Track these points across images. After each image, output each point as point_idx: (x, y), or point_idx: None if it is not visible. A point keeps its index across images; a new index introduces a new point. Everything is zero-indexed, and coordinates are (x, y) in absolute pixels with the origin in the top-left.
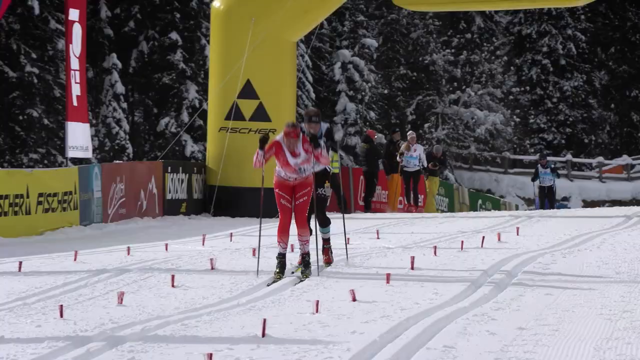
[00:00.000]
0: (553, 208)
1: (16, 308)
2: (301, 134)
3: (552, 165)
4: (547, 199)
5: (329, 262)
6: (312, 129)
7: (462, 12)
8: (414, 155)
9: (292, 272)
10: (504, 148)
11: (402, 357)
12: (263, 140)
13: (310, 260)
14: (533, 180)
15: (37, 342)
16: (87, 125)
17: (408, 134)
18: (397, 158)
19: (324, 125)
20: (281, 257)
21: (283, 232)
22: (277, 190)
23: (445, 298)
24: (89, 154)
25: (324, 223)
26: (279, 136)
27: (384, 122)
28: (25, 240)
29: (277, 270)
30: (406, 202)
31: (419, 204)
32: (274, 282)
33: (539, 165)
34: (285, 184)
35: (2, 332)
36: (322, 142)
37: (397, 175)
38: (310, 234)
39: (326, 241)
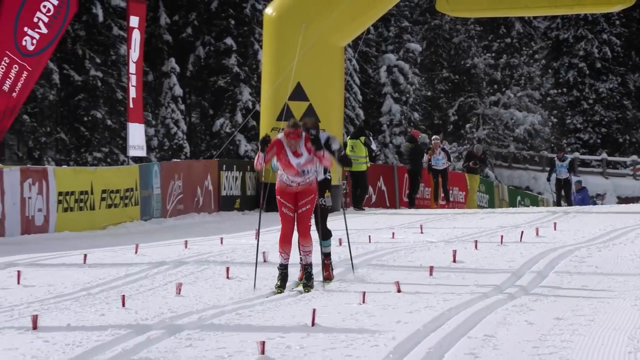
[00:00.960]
0: (569, 200)
1: (81, 298)
2: (303, 134)
3: (569, 159)
4: (564, 191)
5: (329, 277)
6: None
7: (502, 18)
8: (439, 158)
9: (293, 289)
10: (542, 147)
11: (445, 345)
12: (264, 142)
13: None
14: (549, 177)
15: (101, 329)
16: (143, 125)
17: (432, 138)
18: (424, 159)
19: (324, 135)
20: (282, 269)
21: (285, 242)
22: (279, 197)
23: (486, 289)
24: (143, 153)
25: (325, 235)
26: (280, 135)
27: (427, 123)
28: (90, 234)
29: (278, 284)
30: (434, 200)
31: (450, 199)
32: (273, 293)
33: (556, 158)
34: (287, 191)
35: (68, 320)
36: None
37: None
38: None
39: (327, 256)
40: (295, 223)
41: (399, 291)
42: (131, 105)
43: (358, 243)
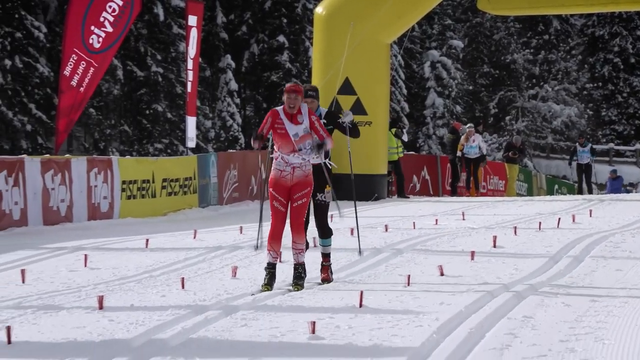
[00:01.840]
0: (589, 185)
1: (143, 280)
2: (306, 106)
3: (591, 145)
4: (585, 175)
5: (327, 279)
6: (308, 104)
7: (541, 16)
8: (473, 145)
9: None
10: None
11: (486, 326)
12: (257, 137)
13: (304, 275)
14: (570, 162)
15: (162, 310)
16: (194, 118)
17: (467, 126)
18: (459, 149)
19: (323, 110)
20: (270, 268)
21: (274, 239)
22: (271, 189)
23: (525, 273)
24: (193, 144)
25: (325, 234)
26: (277, 107)
27: (469, 115)
28: (151, 220)
29: (265, 282)
30: (466, 188)
31: (480, 189)
32: (260, 291)
33: (577, 144)
34: (280, 183)
35: (131, 300)
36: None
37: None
38: (306, 248)
39: (326, 257)
40: (289, 218)
41: (441, 274)
42: (189, 99)
43: (403, 229)
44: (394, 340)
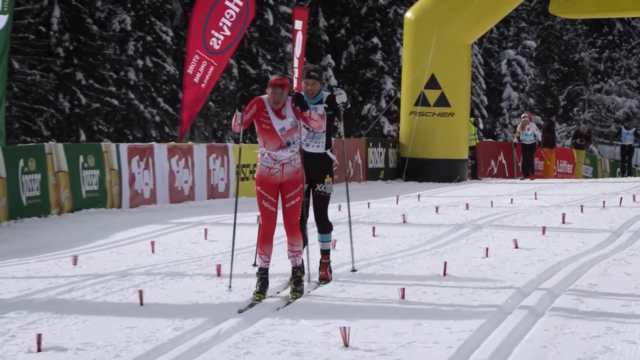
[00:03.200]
0: (630, 165)
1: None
2: (290, 97)
3: (635, 129)
4: (628, 156)
5: (325, 278)
6: (309, 86)
7: (605, 19)
8: (529, 133)
9: (278, 292)
10: (639, 127)
11: (556, 292)
12: (242, 99)
13: (303, 277)
14: (616, 140)
15: (272, 276)
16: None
17: (522, 116)
18: (515, 136)
19: (325, 94)
20: (262, 273)
21: (265, 242)
22: (258, 188)
23: (590, 246)
24: None
25: (325, 228)
26: (263, 96)
27: (541, 107)
28: None
29: (257, 290)
30: (522, 173)
31: (534, 172)
32: (250, 305)
33: (623, 127)
34: (269, 180)
35: (245, 269)
36: (322, 109)
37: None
38: (305, 244)
39: (325, 254)
40: (283, 219)
41: (516, 247)
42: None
43: (482, 207)
44: (474, 305)
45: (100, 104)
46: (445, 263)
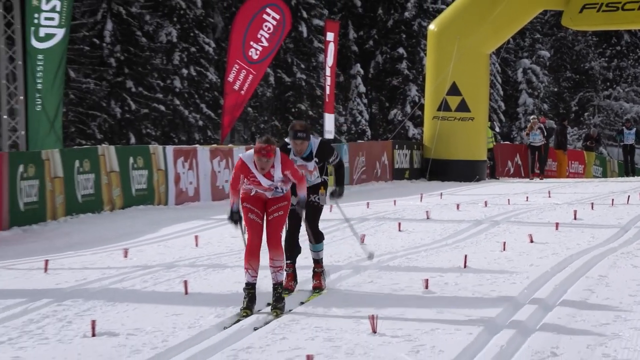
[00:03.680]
0: (633, 164)
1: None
2: (279, 155)
3: (636, 129)
4: (630, 156)
5: (319, 287)
6: (297, 146)
7: (614, 30)
8: (537, 134)
9: (268, 304)
10: None
11: (568, 283)
12: (235, 218)
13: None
14: (617, 140)
15: (305, 269)
16: (332, 115)
17: (531, 117)
18: (524, 136)
19: (315, 143)
20: (250, 288)
21: (252, 256)
22: (244, 203)
23: (600, 240)
24: (331, 136)
25: (317, 238)
26: (246, 154)
27: (554, 112)
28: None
29: (244, 306)
30: (530, 172)
31: (544, 172)
32: (237, 321)
33: (624, 127)
34: (255, 196)
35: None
36: (313, 165)
37: (552, 151)
38: (298, 253)
39: (318, 263)
40: (266, 231)
41: (531, 242)
42: (327, 100)
43: (500, 204)
44: (492, 295)
45: (149, 110)
46: (466, 256)
